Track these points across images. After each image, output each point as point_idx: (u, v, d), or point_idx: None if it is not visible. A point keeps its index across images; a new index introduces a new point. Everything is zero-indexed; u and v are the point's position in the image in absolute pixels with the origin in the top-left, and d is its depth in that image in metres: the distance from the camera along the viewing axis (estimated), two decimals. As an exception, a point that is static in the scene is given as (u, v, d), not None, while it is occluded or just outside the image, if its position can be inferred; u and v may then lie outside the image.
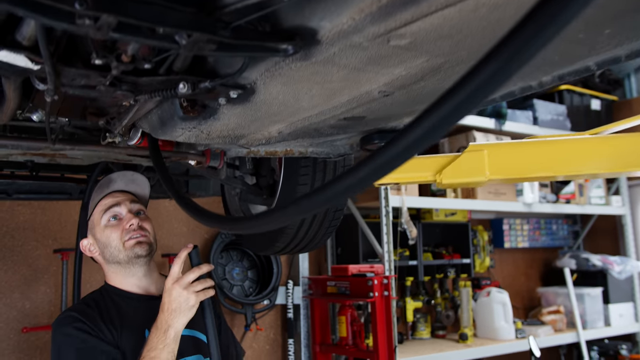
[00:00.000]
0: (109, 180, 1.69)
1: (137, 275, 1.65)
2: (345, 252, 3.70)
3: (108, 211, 1.64)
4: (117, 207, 1.64)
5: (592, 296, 4.32)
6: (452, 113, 0.68)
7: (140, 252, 1.61)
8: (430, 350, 3.42)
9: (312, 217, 1.75)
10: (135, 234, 1.61)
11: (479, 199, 3.85)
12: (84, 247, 1.69)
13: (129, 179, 1.71)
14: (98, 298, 1.63)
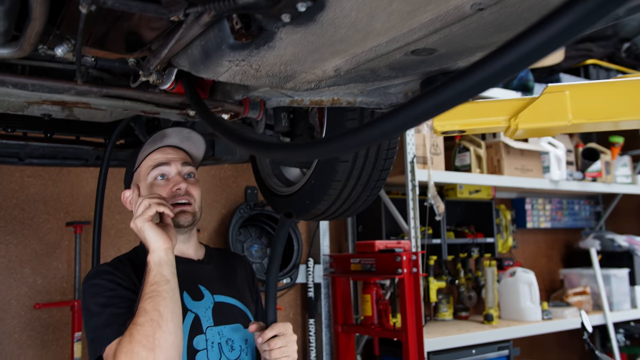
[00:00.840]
0: (163, 134, 1.53)
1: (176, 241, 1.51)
2: (367, 229, 3.56)
3: (156, 168, 1.49)
4: (167, 166, 1.49)
5: (619, 277, 4.18)
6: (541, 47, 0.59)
7: (183, 222, 1.47)
8: (455, 331, 3.28)
9: (356, 177, 1.60)
10: (181, 199, 1.47)
11: (505, 174, 3.70)
12: (125, 199, 1.55)
13: (184, 135, 1.55)
14: (133, 257, 1.50)
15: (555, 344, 4.49)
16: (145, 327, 1.19)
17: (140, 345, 1.17)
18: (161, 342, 1.18)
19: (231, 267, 1.62)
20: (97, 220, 2.05)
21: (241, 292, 1.56)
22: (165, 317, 1.21)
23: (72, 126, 2.03)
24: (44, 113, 1.63)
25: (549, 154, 3.93)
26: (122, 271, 1.40)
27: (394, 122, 0.77)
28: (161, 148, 1.51)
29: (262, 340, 1.40)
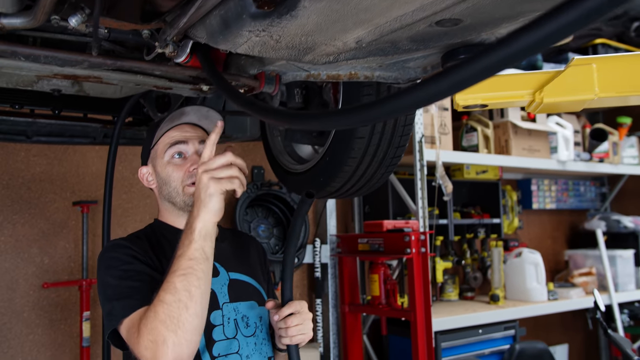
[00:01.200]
0: (182, 112, 1.49)
1: None
2: (374, 210, 3.54)
3: (174, 146, 1.46)
4: (184, 144, 1.46)
5: (624, 258, 4.18)
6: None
7: None
8: (462, 311, 3.28)
9: (372, 154, 1.57)
10: None
11: (512, 155, 3.67)
12: (142, 175, 1.53)
13: (203, 114, 1.51)
14: (148, 233, 1.49)
15: (559, 324, 4.50)
16: (172, 307, 1.14)
17: (163, 325, 1.13)
18: (186, 325, 1.14)
19: (244, 246, 1.61)
20: (106, 199, 2.03)
21: (254, 270, 1.55)
22: (195, 299, 1.16)
23: (80, 103, 1.99)
24: (53, 88, 1.60)
25: (557, 134, 3.90)
26: (139, 245, 1.38)
27: (425, 92, 0.75)
28: (179, 125, 1.48)
29: (278, 317, 1.39)
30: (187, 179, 1.44)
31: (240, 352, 1.40)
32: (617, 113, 4.50)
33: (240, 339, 1.41)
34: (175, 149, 1.46)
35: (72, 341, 2.71)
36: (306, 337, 1.40)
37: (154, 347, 1.13)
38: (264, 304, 1.50)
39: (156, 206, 1.48)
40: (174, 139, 1.46)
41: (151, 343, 1.13)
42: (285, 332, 1.38)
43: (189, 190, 1.44)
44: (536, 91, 1.19)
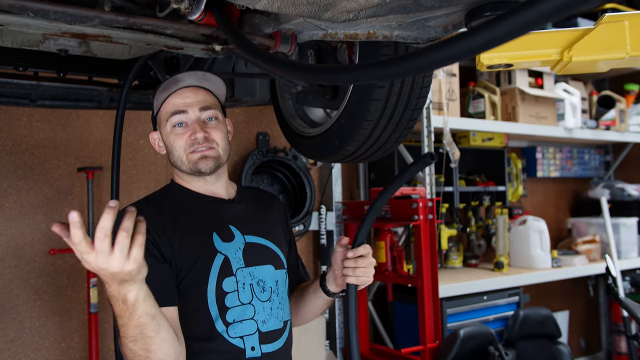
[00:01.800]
0: (176, 79, 1.45)
1: (204, 180, 1.48)
2: (379, 177, 3.52)
3: (174, 116, 1.43)
4: (184, 114, 1.43)
5: (628, 226, 4.18)
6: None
7: (204, 168, 1.43)
8: (467, 278, 3.30)
9: (388, 117, 1.54)
10: (199, 147, 1.42)
11: (520, 122, 3.63)
12: (153, 141, 1.52)
13: (200, 77, 1.47)
14: (163, 196, 1.47)
15: (560, 291, 4.54)
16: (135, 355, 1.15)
17: None
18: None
19: (264, 207, 1.58)
20: (114, 166, 1.99)
21: (274, 232, 1.53)
22: (154, 350, 1.15)
23: (86, 65, 1.94)
24: (60, 48, 1.55)
25: (564, 101, 3.86)
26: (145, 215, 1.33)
27: (458, 48, 0.72)
28: (180, 90, 1.45)
29: (353, 255, 1.42)
30: (188, 147, 1.43)
31: (256, 317, 1.39)
32: (624, 80, 4.44)
33: (256, 304, 1.40)
34: (175, 119, 1.43)
35: (79, 307, 2.71)
36: (369, 280, 1.45)
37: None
38: (282, 267, 1.49)
39: (162, 173, 1.47)
40: (174, 108, 1.44)
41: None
42: (353, 271, 1.42)
43: (192, 157, 1.43)
44: (564, 50, 1.15)
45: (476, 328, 2.84)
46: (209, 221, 1.42)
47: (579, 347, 4.72)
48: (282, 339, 1.43)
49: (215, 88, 1.51)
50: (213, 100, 1.49)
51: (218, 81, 1.50)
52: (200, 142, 1.42)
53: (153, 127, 1.54)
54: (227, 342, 1.33)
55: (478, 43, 0.72)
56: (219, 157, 1.45)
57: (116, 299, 1.10)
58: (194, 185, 1.48)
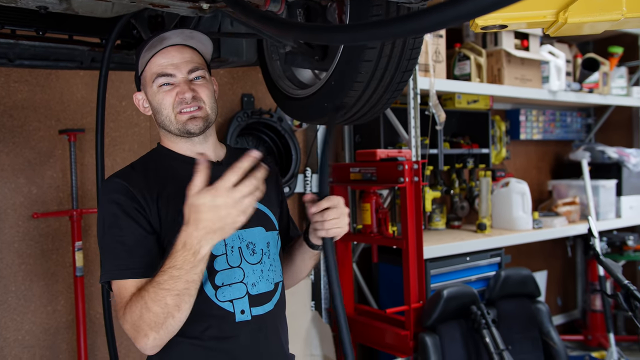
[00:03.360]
0: (162, 38, 1.40)
1: (191, 142, 1.46)
2: (364, 139, 3.51)
3: (160, 77, 1.40)
4: (171, 77, 1.40)
5: (607, 188, 4.26)
6: None
7: (193, 129, 1.41)
8: (450, 239, 3.35)
9: (379, 78, 1.52)
10: (188, 107, 1.39)
11: (505, 84, 3.63)
12: (138, 101, 1.48)
13: (186, 35, 1.42)
14: (149, 160, 1.45)
15: (540, 252, 4.64)
16: (159, 317, 1.18)
17: (148, 326, 1.19)
18: (169, 328, 1.21)
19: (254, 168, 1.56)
20: (99, 128, 1.95)
21: (265, 194, 1.52)
22: (183, 310, 1.19)
23: (66, 24, 1.88)
24: (40, 5, 1.49)
25: (549, 63, 3.86)
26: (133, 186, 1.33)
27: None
28: (165, 49, 1.41)
29: (316, 209, 1.39)
30: (177, 106, 1.40)
31: (245, 280, 1.39)
32: (608, 42, 4.45)
33: (245, 267, 1.40)
34: (162, 79, 1.40)
35: (65, 271, 2.70)
36: (342, 231, 1.42)
37: (136, 334, 1.21)
38: (273, 229, 1.49)
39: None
40: (160, 69, 1.40)
41: (133, 330, 1.21)
42: (321, 224, 1.39)
43: (181, 118, 1.40)
44: (560, 11, 1.14)
45: (459, 288, 2.90)
46: None
47: (555, 306, 4.86)
48: (273, 301, 1.44)
49: (201, 47, 1.48)
50: (199, 60, 1.46)
51: (205, 39, 1.47)
52: (188, 102, 1.39)
53: (137, 87, 1.50)
54: (217, 305, 1.34)
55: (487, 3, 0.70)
56: (207, 116, 1.43)
57: (189, 248, 1.14)
58: (181, 147, 1.45)
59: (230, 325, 1.35)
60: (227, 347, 1.34)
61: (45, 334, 2.66)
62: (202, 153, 1.33)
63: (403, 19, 0.78)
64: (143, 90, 1.47)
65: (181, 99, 1.39)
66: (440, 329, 2.80)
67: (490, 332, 2.78)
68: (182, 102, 1.39)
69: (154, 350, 1.25)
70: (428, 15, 0.75)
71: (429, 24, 0.75)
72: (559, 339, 3.19)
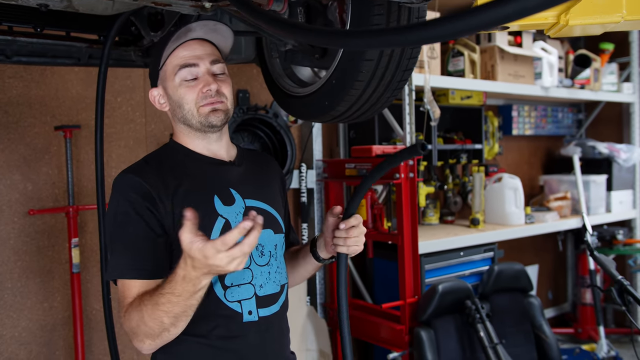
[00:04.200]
0: (187, 29, 1.39)
1: (207, 139, 1.45)
2: (359, 135, 3.53)
3: (184, 69, 1.38)
4: (195, 66, 1.39)
5: (598, 183, 4.31)
6: None
7: (216, 121, 1.40)
8: (444, 235, 3.38)
9: (380, 77, 1.53)
10: (212, 99, 1.39)
11: (498, 80, 3.66)
12: (153, 98, 1.46)
13: (210, 28, 1.41)
14: (163, 156, 1.44)
15: (531, 246, 4.69)
16: (155, 331, 1.21)
17: (145, 335, 1.23)
18: (164, 339, 1.24)
19: (263, 170, 1.57)
20: (98, 124, 1.95)
21: (272, 196, 1.53)
22: (179, 326, 1.22)
23: (64, 21, 1.87)
24: (40, 3, 1.49)
25: (542, 60, 3.89)
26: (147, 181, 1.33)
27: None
28: (187, 42, 1.39)
29: (345, 226, 1.44)
30: (200, 100, 1.39)
31: (254, 281, 1.40)
32: (599, 39, 4.49)
33: (254, 268, 1.41)
34: (185, 71, 1.38)
35: (61, 267, 2.70)
36: (360, 249, 1.48)
37: (133, 337, 1.25)
38: (280, 232, 1.50)
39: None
40: (184, 61, 1.38)
41: (131, 333, 1.25)
42: (344, 241, 1.45)
43: (204, 110, 1.39)
44: (561, 13, 1.15)
45: (454, 283, 2.93)
46: (210, 184, 1.40)
47: (546, 299, 4.92)
48: (279, 303, 1.45)
49: (222, 41, 1.47)
50: (219, 55, 1.46)
51: (227, 32, 1.45)
52: (212, 95, 1.39)
53: (152, 83, 1.47)
54: (225, 306, 1.34)
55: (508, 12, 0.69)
56: (227, 110, 1.43)
57: (189, 281, 1.14)
58: (195, 144, 1.44)
59: (237, 325, 1.36)
60: (234, 346, 1.35)
61: (42, 331, 2.66)
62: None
63: (421, 26, 0.79)
64: (161, 85, 1.44)
65: (206, 92, 1.38)
66: (435, 324, 2.83)
67: (485, 326, 2.81)
68: (207, 96, 1.38)
69: (150, 352, 1.30)
70: (450, 23, 0.75)
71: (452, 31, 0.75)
72: (550, 332, 3.24)
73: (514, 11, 0.62)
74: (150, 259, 1.29)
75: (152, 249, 1.30)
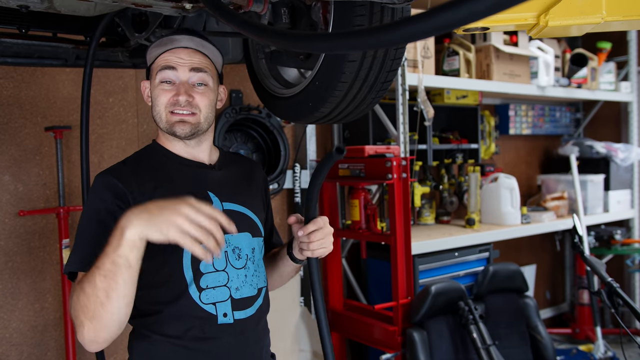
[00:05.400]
0: (172, 39, 1.43)
1: (186, 143, 1.46)
2: (353, 135, 3.52)
3: (163, 71, 1.41)
4: (174, 70, 1.41)
5: (595, 183, 4.29)
6: None
7: (180, 132, 1.41)
8: (439, 235, 3.36)
9: (363, 78, 1.52)
10: (181, 109, 1.40)
11: (494, 80, 3.64)
12: (143, 89, 1.51)
13: (197, 42, 1.45)
14: (142, 157, 1.46)
15: (528, 246, 4.68)
16: (90, 300, 1.16)
17: (82, 312, 1.18)
18: (100, 319, 1.17)
19: (245, 175, 1.57)
20: (84, 125, 1.94)
21: (252, 200, 1.53)
22: (111, 299, 1.16)
23: (49, 22, 1.86)
24: (20, 4, 1.48)
25: (538, 59, 3.87)
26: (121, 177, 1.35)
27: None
28: (177, 49, 1.42)
29: (303, 233, 1.42)
30: (170, 106, 1.40)
31: (229, 284, 1.39)
32: (597, 38, 4.47)
33: (230, 271, 1.40)
34: (164, 74, 1.41)
35: (52, 268, 2.69)
36: (327, 251, 1.46)
37: (76, 324, 1.21)
38: (259, 235, 1.49)
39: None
40: (167, 62, 1.41)
41: (75, 319, 1.21)
42: (307, 245, 1.43)
43: (171, 119, 1.41)
44: (541, 14, 1.14)
45: (447, 284, 2.92)
46: (187, 186, 1.41)
47: (544, 299, 4.90)
48: (255, 306, 1.44)
49: (211, 55, 1.49)
50: (209, 66, 1.46)
51: (214, 51, 1.49)
52: (182, 105, 1.40)
53: (147, 75, 1.51)
54: (200, 307, 1.34)
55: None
56: (198, 124, 1.43)
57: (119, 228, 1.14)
58: (175, 147, 1.46)
59: (212, 327, 1.35)
60: (208, 348, 1.35)
61: (33, 332, 2.65)
62: None
63: (381, 29, 0.78)
64: (150, 81, 1.48)
65: (175, 100, 1.39)
66: (428, 325, 2.82)
67: (478, 328, 2.80)
68: (176, 104, 1.40)
69: (92, 345, 1.22)
70: (408, 25, 0.74)
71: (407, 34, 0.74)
72: (546, 333, 3.22)
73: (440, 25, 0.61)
74: None
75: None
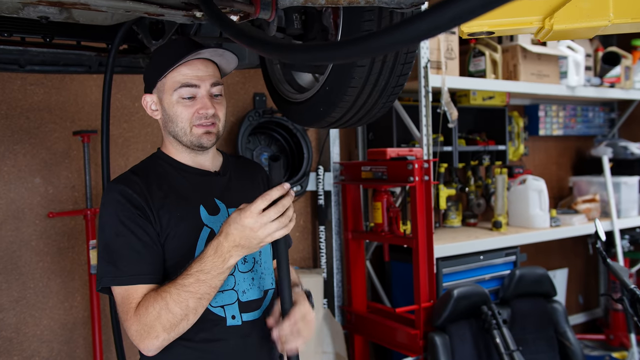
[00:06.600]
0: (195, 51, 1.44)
1: (194, 152, 1.49)
2: (377, 137, 3.51)
3: (184, 88, 1.41)
4: (195, 88, 1.42)
5: (629, 185, 4.17)
6: None
7: (207, 143, 1.44)
8: (465, 238, 3.32)
9: (373, 83, 1.52)
10: (206, 121, 1.42)
11: (521, 80, 3.58)
12: (146, 103, 1.49)
13: (218, 53, 1.45)
14: (150, 167, 1.48)
15: (559, 250, 4.57)
16: (177, 318, 1.25)
17: (162, 327, 1.25)
18: (181, 330, 1.27)
19: (248, 177, 1.60)
20: (104, 130, 2.00)
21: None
22: (198, 313, 1.27)
23: (72, 30, 1.92)
24: (40, 15, 1.53)
25: (568, 58, 3.78)
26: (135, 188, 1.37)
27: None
28: (191, 61, 1.42)
29: (277, 336, 1.39)
30: (195, 120, 1.42)
31: (236, 287, 1.42)
32: (632, 35, 4.34)
33: (237, 275, 1.43)
34: (185, 90, 1.41)
35: (80, 268, 2.77)
36: (304, 340, 1.40)
37: (146, 335, 1.25)
38: None
39: (159, 135, 1.48)
40: (185, 80, 1.40)
41: (143, 331, 1.25)
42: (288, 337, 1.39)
43: (197, 131, 1.43)
44: (546, 17, 1.12)
45: (470, 288, 2.88)
46: (196, 194, 1.44)
47: (577, 304, 4.78)
48: (262, 308, 1.47)
49: (225, 63, 1.51)
50: (219, 76, 1.49)
51: (232, 58, 1.49)
52: (207, 117, 1.42)
53: (147, 88, 1.49)
54: (209, 310, 1.37)
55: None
56: (218, 132, 1.47)
57: (220, 255, 1.24)
58: (182, 156, 1.49)
59: (221, 329, 1.39)
60: (216, 349, 1.39)
61: (63, 329, 2.74)
62: None
63: (368, 37, 0.78)
64: (157, 94, 1.47)
65: (202, 114, 1.42)
66: (450, 329, 2.79)
67: (501, 333, 2.75)
68: (202, 117, 1.42)
69: (156, 351, 1.30)
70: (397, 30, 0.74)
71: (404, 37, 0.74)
72: (575, 339, 3.14)
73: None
74: (152, 264, 1.33)
75: (153, 254, 1.34)
